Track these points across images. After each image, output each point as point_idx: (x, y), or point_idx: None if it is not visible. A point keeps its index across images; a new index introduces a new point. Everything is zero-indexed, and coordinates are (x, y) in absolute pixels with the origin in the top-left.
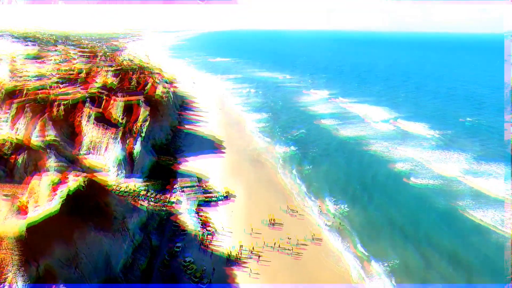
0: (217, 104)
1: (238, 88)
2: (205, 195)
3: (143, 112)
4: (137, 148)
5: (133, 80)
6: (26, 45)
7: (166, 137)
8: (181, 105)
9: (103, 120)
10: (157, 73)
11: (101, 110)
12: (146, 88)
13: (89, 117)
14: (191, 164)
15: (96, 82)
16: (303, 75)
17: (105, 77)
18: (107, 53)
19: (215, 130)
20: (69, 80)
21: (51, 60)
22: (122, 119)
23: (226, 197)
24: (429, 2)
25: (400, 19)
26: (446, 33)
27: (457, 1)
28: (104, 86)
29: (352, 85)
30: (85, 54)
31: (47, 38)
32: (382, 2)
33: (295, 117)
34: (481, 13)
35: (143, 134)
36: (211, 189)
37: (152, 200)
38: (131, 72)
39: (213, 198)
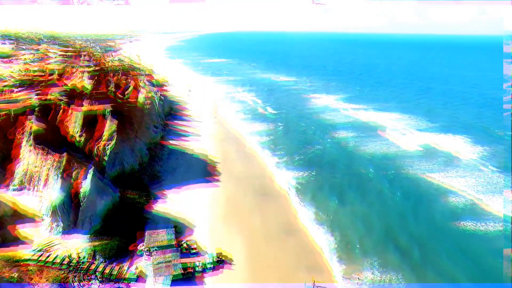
0: (212, 111)
1: (236, 92)
2: (186, 260)
3: (109, 127)
4: (86, 185)
5: (111, 83)
6: (3, 43)
7: (140, 160)
8: (169, 113)
9: (47, 140)
10: (146, 74)
11: (44, 126)
12: (126, 92)
13: (29, 134)
14: (171, 202)
15: (66, 85)
16: (304, 77)
17: (80, 78)
18: (93, 53)
19: (208, 146)
20: (32, 83)
21: (21, 59)
22: (80, 136)
23: (218, 263)
24: (426, 2)
25: (397, 21)
26: (445, 35)
27: (456, 1)
28: (70, 91)
29: (355, 88)
30: (67, 53)
31: (32, 37)
32: (380, 3)
33: (304, 128)
34: (480, 15)
35: (106, 157)
36: (195, 248)
37: (98, 277)
38: (111, 74)
39: (197, 268)
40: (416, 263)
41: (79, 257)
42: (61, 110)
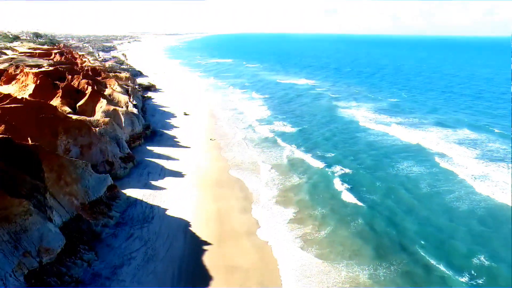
0: (208, 128)
1: (239, 99)
2: None
3: None
4: None
5: (58, 89)
6: None
7: (32, 263)
8: (143, 134)
9: None
10: (128, 77)
11: None
12: (78, 105)
13: None
14: None
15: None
16: (317, 80)
17: (23, 83)
18: (71, 51)
19: (193, 199)
20: None
21: None
22: None
23: None
24: (431, 3)
25: (402, 23)
26: (451, 36)
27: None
28: None
29: (378, 94)
30: (34, 51)
31: (7, 35)
32: (384, 3)
33: (336, 160)
34: (485, 16)
35: None
36: None
37: None
38: (69, 76)
39: None
40: None
41: None
42: None
